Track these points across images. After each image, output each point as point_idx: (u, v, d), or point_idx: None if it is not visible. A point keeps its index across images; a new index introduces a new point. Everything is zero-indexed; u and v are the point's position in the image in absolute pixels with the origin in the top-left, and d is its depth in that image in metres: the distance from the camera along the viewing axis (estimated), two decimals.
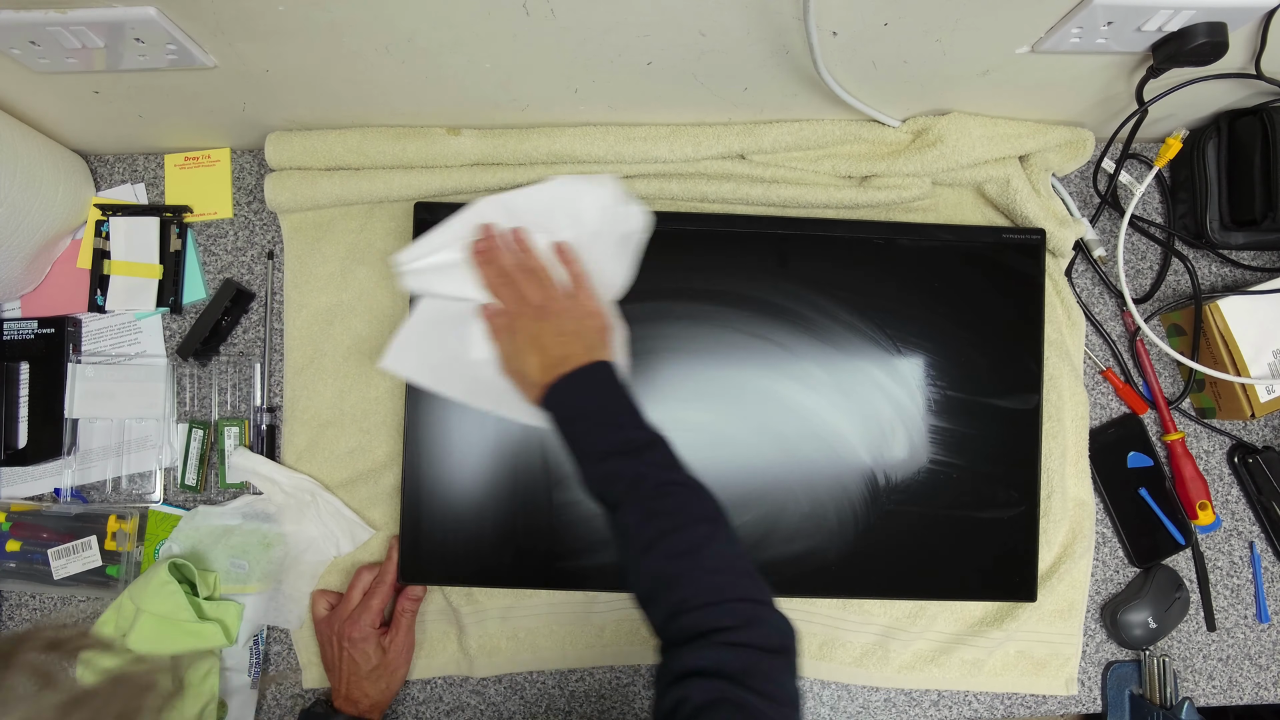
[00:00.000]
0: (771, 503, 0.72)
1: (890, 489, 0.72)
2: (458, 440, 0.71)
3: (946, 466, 0.73)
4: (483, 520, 0.71)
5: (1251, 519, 0.81)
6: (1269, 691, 0.80)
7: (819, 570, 0.72)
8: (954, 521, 0.72)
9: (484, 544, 0.71)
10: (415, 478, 0.71)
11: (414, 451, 0.71)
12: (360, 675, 0.70)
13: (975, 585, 0.74)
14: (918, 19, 0.57)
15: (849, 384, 0.72)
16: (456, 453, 0.71)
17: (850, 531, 0.72)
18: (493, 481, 0.71)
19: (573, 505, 0.71)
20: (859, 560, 0.72)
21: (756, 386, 0.72)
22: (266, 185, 0.75)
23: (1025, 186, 0.75)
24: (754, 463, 0.72)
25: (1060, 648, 0.78)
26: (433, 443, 0.71)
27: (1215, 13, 0.56)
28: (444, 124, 0.74)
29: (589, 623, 0.76)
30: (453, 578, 0.73)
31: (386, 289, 0.77)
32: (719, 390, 0.72)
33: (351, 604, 0.71)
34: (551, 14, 0.55)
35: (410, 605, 0.73)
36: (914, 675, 0.77)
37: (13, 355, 0.76)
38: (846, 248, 0.73)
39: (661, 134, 0.73)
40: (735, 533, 0.52)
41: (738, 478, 0.72)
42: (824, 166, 0.75)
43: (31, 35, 0.56)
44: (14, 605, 0.77)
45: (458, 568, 0.72)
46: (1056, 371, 0.76)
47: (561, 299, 0.64)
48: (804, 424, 0.72)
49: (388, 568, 0.72)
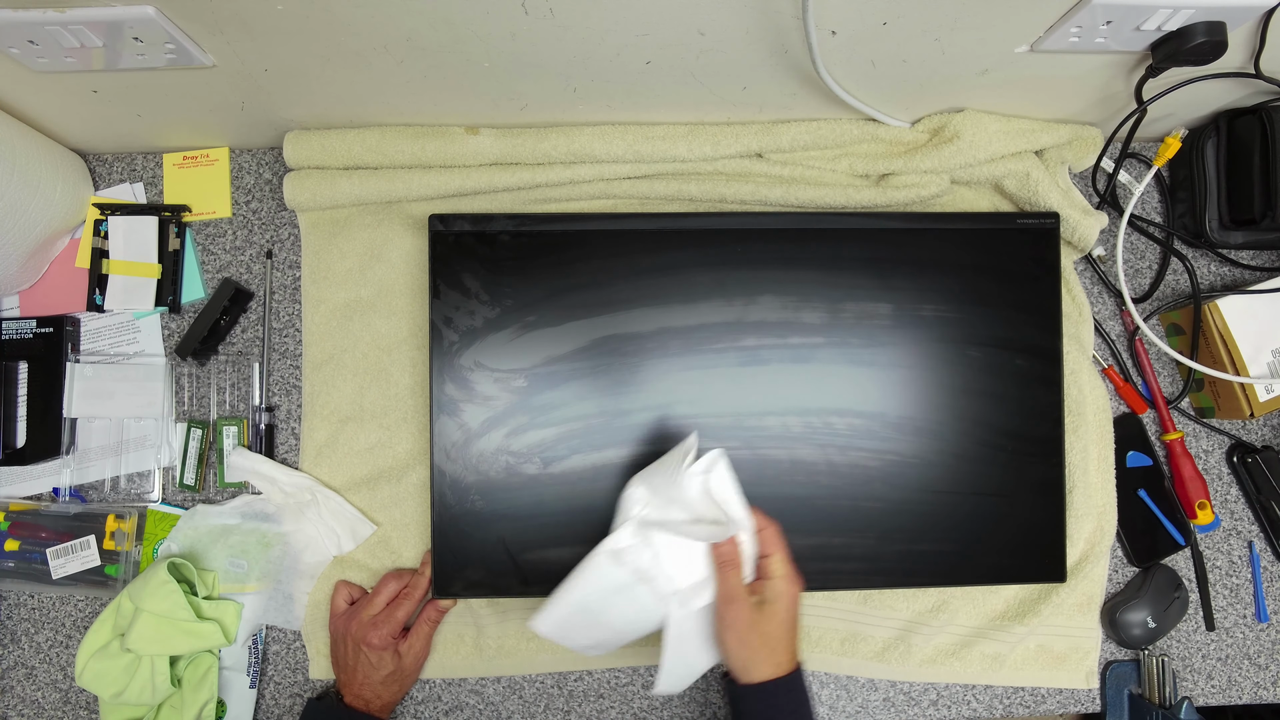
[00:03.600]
0: (793, 495, 0.71)
1: (916, 476, 0.72)
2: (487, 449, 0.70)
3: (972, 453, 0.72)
4: (518, 529, 0.70)
5: (1250, 519, 0.81)
6: (1268, 691, 0.80)
7: (845, 562, 0.71)
8: (980, 507, 0.72)
9: (521, 554, 0.70)
10: (445, 492, 0.70)
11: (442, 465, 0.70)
12: (375, 680, 0.70)
13: (1004, 570, 0.74)
14: (916, 18, 0.57)
15: (868, 373, 0.72)
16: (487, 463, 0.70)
17: (875, 521, 0.72)
18: (527, 488, 0.70)
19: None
20: (885, 550, 0.72)
21: (775, 378, 0.72)
22: (285, 185, 0.75)
23: (1046, 178, 0.75)
24: (774, 455, 0.72)
25: (1080, 641, 0.78)
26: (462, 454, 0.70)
27: (1214, 12, 0.56)
28: (444, 122, 0.74)
29: None
30: (486, 589, 0.71)
31: (405, 286, 0.77)
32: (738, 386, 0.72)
33: (374, 609, 0.71)
34: (550, 13, 0.55)
35: (435, 616, 0.73)
36: (935, 669, 0.77)
37: (11, 354, 0.76)
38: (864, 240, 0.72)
39: (680, 133, 0.73)
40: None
41: (761, 470, 0.71)
42: (841, 165, 0.75)
43: (30, 34, 0.56)
44: (12, 605, 0.77)
45: (492, 580, 0.71)
46: (1076, 366, 0.76)
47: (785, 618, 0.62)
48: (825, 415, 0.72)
49: (418, 582, 0.72)
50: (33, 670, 0.77)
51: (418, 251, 0.77)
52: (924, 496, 0.72)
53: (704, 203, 0.77)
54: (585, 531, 0.70)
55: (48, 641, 0.77)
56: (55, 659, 0.77)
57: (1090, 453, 0.76)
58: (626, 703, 0.77)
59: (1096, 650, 0.78)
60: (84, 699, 0.77)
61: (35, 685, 0.77)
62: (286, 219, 0.80)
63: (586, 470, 0.70)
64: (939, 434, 0.72)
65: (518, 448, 0.70)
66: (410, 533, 0.76)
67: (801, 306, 0.72)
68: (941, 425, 0.72)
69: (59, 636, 0.77)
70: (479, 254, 0.71)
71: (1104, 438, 0.78)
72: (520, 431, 0.70)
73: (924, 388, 0.72)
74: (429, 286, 0.71)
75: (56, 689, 0.77)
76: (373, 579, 0.76)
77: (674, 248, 0.71)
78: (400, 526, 0.76)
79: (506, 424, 0.70)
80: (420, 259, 0.77)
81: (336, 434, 0.76)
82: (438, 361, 0.70)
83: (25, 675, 0.77)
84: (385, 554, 0.76)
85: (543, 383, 0.71)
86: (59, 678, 0.77)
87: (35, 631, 0.77)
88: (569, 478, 0.70)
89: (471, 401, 0.70)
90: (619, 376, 0.71)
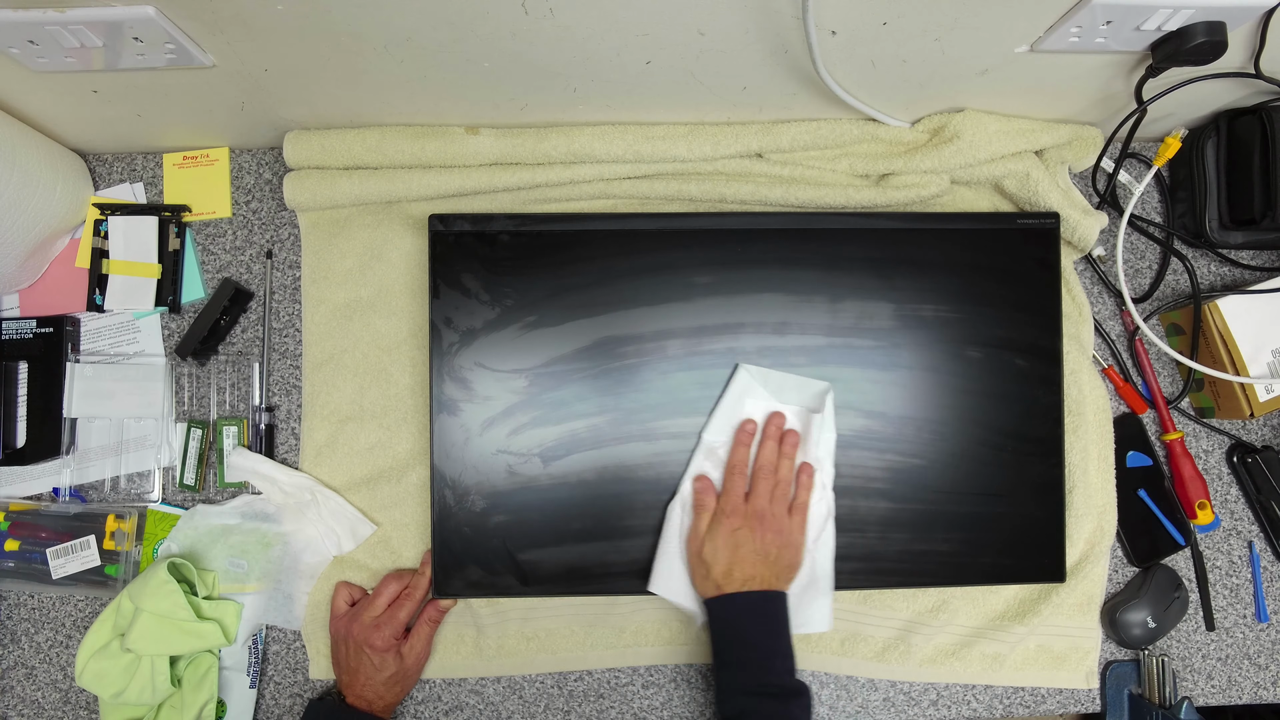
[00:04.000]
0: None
1: (916, 476, 0.72)
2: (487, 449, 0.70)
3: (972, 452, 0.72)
4: (518, 528, 0.70)
5: (1250, 518, 0.81)
6: (1268, 691, 0.80)
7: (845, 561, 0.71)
8: (980, 507, 0.72)
9: (521, 553, 0.70)
10: (445, 492, 0.70)
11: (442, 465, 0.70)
12: (377, 681, 0.70)
13: (1004, 570, 0.74)
14: (916, 18, 0.57)
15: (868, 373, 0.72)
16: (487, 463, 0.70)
17: (875, 520, 0.72)
18: (527, 487, 0.70)
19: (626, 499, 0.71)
20: (885, 549, 0.72)
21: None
22: (286, 185, 0.75)
23: (1046, 178, 0.75)
24: None
25: (1080, 641, 0.78)
26: (462, 454, 0.70)
27: (1214, 12, 0.56)
28: (444, 122, 0.74)
29: (608, 624, 0.76)
30: (487, 589, 0.71)
31: (405, 286, 0.77)
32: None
33: (375, 610, 0.71)
34: (550, 13, 0.55)
35: (436, 615, 0.73)
36: (935, 669, 0.77)
37: (11, 354, 0.76)
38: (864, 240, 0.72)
39: (680, 133, 0.73)
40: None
41: None
42: (841, 165, 0.75)
43: (30, 34, 0.56)
44: (12, 605, 0.77)
45: (492, 580, 0.71)
46: (1076, 366, 0.76)
47: (780, 518, 0.66)
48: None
49: (418, 582, 0.72)
50: (33, 670, 0.77)
51: (418, 251, 0.77)
52: (924, 496, 0.72)
53: (704, 203, 0.77)
54: (585, 531, 0.70)
55: (48, 641, 0.77)
56: (55, 659, 0.77)
57: (1090, 452, 0.76)
58: (626, 703, 0.77)
59: (1096, 650, 0.78)
60: (84, 699, 0.77)
61: (35, 685, 0.77)
62: (286, 219, 0.80)
63: (586, 470, 0.70)
64: (939, 434, 0.72)
65: (518, 447, 0.70)
66: (410, 533, 0.76)
67: (801, 306, 0.72)
68: (941, 425, 0.72)
69: (59, 636, 0.77)
70: (479, 254, 0.71)
71: (1104, 437, 0.78)
72: (520, 431, 0.70)
73: (924, 387, 0.72)
74: (429, 286, 0.71)
75: (56, 689, 0.77)
76: (373, 579, 0.76)
77: (674, 248, 0.71)
78: (400, 526, 0.76)
79: (506, 424, 0.70)
80: (420, 259, 0.77)
81: (337, 434, 0.76)
82: (438, 361, 0.70)
83: (25, 675, 0.77)
84: (385, 554, 0.76)
85: (542, 383, 0.71)
86: (59, 678, 0.77)
87: (35, 631, 0.77)
88: (569, 478, 0.70)
89: (471, 401, 0.70)
90: (619, 377, 0.71)
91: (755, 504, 0.66)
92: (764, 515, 0.66)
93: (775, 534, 0.66)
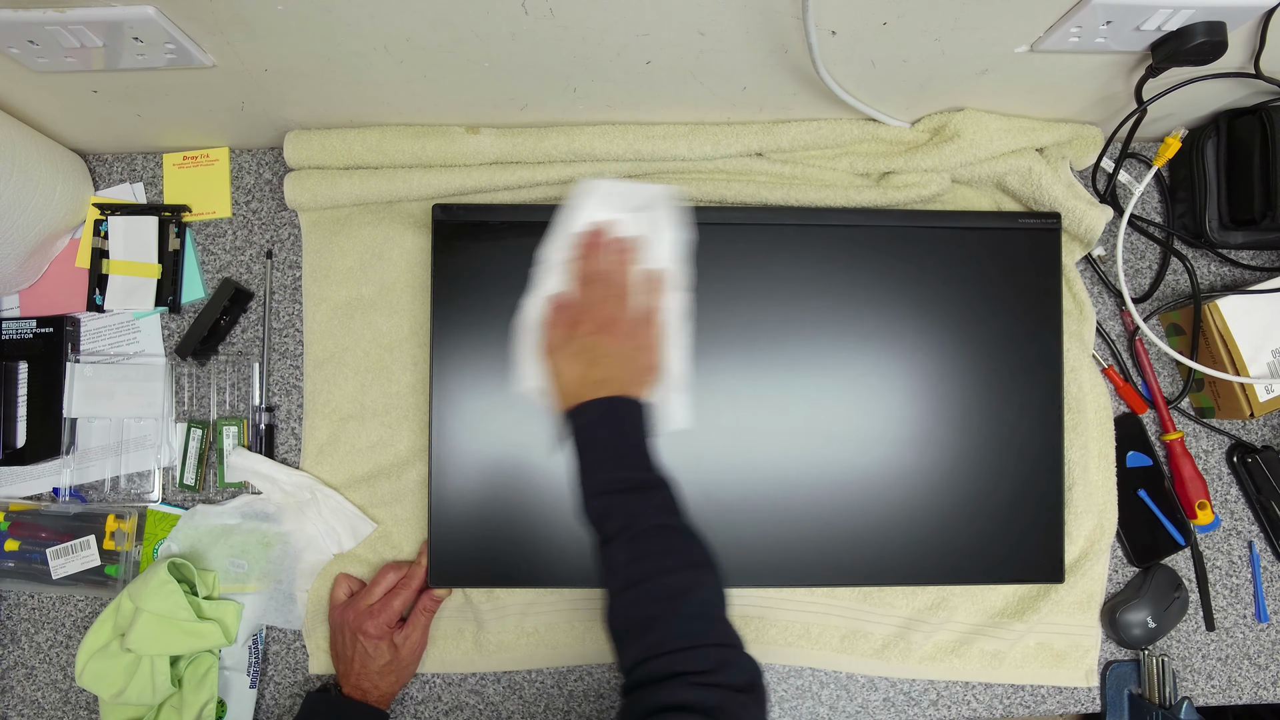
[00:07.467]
0: (795, 493, 0.72)
1: (916, 474, 0.72)
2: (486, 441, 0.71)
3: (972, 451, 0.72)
4: (513, 520, 0.71)
5: (1250, 519, 0.81)
6: (1268, 691, 0.80)
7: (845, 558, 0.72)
8: (980, 506, 0.72)
9: (515, 544, 0.71)
10: (443, 482, 0.70)
11: (441, 456, 0.70)
12: (371, 670, 0.70)
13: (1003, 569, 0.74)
14: (916, 18, 0.57)
15: (868, 372, 0.72)
16: (485, 454, 0.71)
17: (875, 518, 0.72)
18: (523, 480, 0.71)
19: None
20: (884, 547, 0.72)
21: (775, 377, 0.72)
22: (286, 184, 0.75)
23: (1049, 173, 0.74)
24: (776, 452, 0.72)
25: (1079, 639, 0.78)
26: (460, 445, 0.71)
27: (1214, 12, 0.56)
28: (444, 122, 0.74)
29: None
30: (482, 579, 0.72)
31: (406, 284, 0.77)
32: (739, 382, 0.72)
33: (372, 599, 0.71)
34: (550, 13, 0.55)
35: (431, 605, 0.73)
36: (935, 666, 0.77)
37: (11, 354, 0.76)
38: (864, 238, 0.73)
39: (680, 132, 0.73)
40: (721, 580, 0.53)
41: (761, 469, 0.71)
42: (842, 164, 0.75)
43: (30, 34, 0.56)
44: (12, 605, 0.77)
45: (487, 570, 0.71)
46: (1077, 363, 0.76)
47: (628, 324, 0.63)
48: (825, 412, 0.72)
49: (415, 572, 0.72)
50: (33, 670, 0.77)
51: (419, 250, 0.77)
52: (923, 494, 0.72)
53: (704, 202, 0.77)
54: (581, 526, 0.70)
55: (48, 641, 0.77)
56: (55, 659, 0.77)
57: (1090, 450, 0.76)
58: None
59: (1096, 648, 0.78)
60: (84, 699, 0.77)
61: (35, 685, 0.77)
62: (286, 219, 0.80)
63: None
64: (939, 432, 0.72)
65: (516, 442, 0.71)
66: (410, 528, 0.76)
67: (802, 306, 0.72)
68: (941, 423, 0.72)
69: (59, 636, 0.77)
70: (481, 250, 0.71)
71: (1104, 435, 0.78)
72: (519, 427, 0.70)
73: (924, 386, 0.72)
74: (430, 283, 0.71)
75: (56, 689, 0.77)
76: (372, 573, 0.76)
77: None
78: (400, 522, 0.76)
79: (505, 420, 0.70)
80: (421, 257, 0.77)
81: (338, 432, 0.76)
82: (438, 359, 0.70)
83: (25, 675, 0.77)
84: (386, 549, 0.76)
85: None
86: (59, 678, 0.77)
87: (35, 631, 0.77)
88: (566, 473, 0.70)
89: (471, 398, 0.70)
90: None
91: (604, 310, 0.63)
92: (615, 320, 0.62)
93: (627, 338, 0.62)
